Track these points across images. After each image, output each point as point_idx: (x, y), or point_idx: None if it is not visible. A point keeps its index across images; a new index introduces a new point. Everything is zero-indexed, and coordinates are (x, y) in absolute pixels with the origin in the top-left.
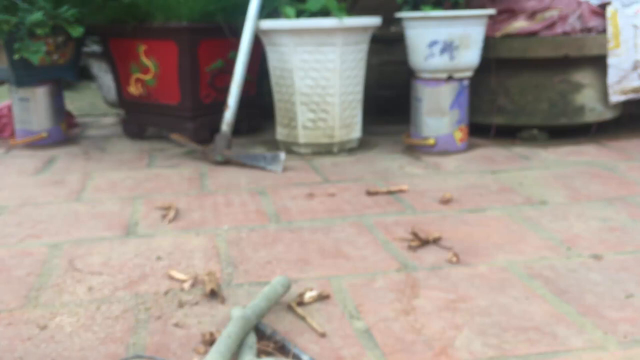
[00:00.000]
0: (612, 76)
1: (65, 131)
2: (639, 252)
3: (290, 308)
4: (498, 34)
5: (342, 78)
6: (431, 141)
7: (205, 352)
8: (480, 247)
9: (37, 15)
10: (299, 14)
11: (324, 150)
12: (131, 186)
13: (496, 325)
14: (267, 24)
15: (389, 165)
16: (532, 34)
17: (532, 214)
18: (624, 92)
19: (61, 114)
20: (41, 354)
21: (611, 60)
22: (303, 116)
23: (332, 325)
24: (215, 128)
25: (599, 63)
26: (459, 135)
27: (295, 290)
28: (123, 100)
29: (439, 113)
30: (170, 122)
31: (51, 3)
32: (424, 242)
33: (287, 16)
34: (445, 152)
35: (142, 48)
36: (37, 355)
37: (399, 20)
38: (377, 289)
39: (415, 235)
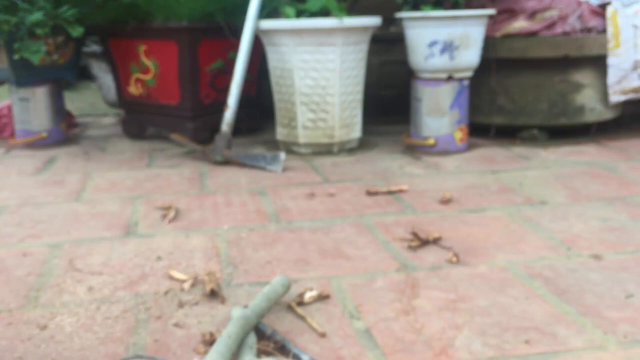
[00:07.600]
0: (612, 76)
1: (65, 131)
2: (639, 252)
3: (290, 308)
4: (498, 34)
5: (342, 78)
6: (431, 141)
7: (205, 352)
8: (480, 247)
9: (37, 15)
10: (299, 14)
11: (324, 150)
12: (131, 186)
13: (496, 325)
14: (267, 24)
15: (389, 165)
16: (532, 34)
17: (532, 214)
18: (624, 92)
19: (61, 114)
20: (41, 354)
21: (611, 60)
22: (303, 116)
23: (332, 325)
24: (215, 128)
25: (599, 63)
26: (459, 135)
27: (295, 290)
28: (123, 100)
29: (439, 113)
30: (170, 122)
31: (51, 3)
32: (424, 242)
33: (287, 16)
34: (445, 152)
35: (142, 48)
36: (37, 355)
37: (399, 20)
38: (377, 289)
39: (415, 235)
